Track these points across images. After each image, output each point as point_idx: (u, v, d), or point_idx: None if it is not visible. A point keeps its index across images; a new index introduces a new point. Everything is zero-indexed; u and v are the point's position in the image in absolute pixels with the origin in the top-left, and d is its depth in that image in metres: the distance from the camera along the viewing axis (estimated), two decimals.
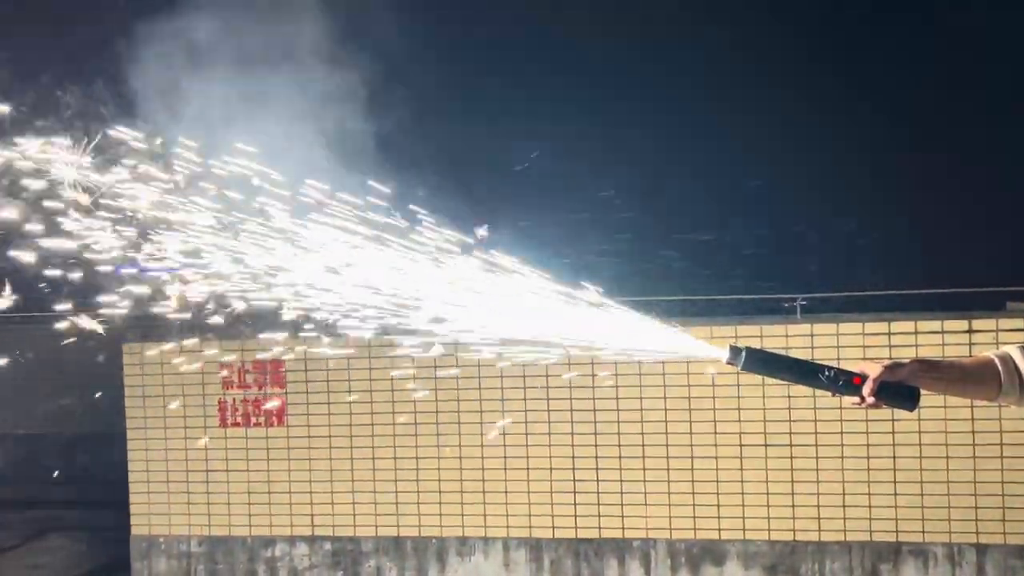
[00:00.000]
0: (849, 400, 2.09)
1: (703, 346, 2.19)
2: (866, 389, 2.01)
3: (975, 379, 2.06)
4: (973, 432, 4.58)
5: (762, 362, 2.17)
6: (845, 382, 2.06)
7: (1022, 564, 4.55)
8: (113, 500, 6.66)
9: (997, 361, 2.03)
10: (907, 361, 2.03)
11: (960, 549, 4.60)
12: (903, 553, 4.65)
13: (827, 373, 2.08)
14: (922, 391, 2.06)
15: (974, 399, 4.06)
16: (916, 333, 4.62)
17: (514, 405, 5.01)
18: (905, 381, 2.02)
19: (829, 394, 2.15)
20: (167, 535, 5.32)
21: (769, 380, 4.67)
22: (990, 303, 4.96)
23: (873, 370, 2.01)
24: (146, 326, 5.26)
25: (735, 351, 2.12)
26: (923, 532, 4.63)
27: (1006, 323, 4.59)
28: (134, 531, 5.37)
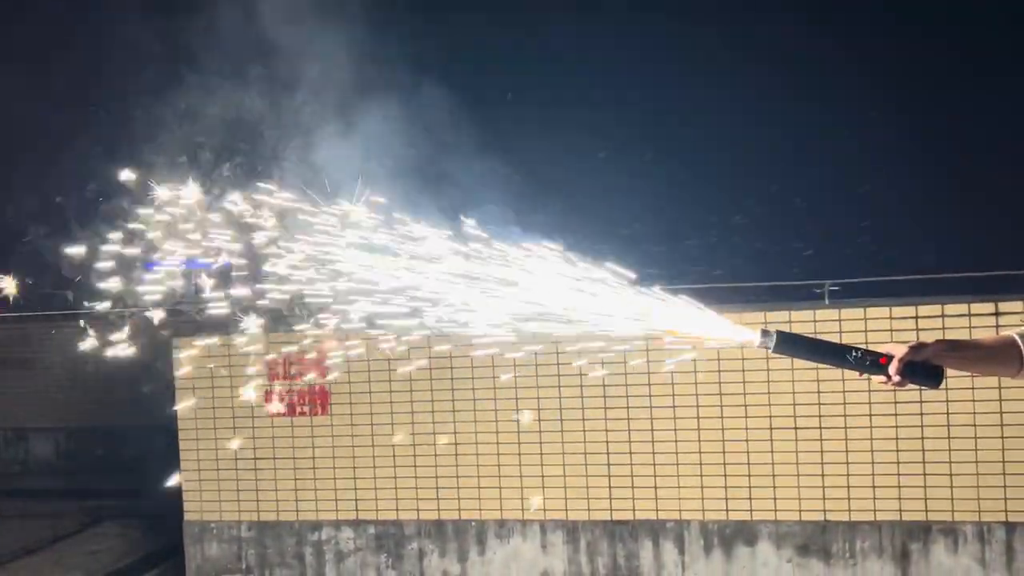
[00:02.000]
0: (877, 379, 2.22)
1: (737, 329, 2.32)
2: (892, 368, 2.13)
3: (997, 358, 2.17)
4: (1001, 412, 4.65)
5: (792, 344, 2.30)
6: (872, 362, 2.19)
7: None
8: (163, 489, 6.92)
9: (1019, 340, 2.14)
10: (931, 342, 2.15)
11: (989, 527, 4.69)
12: (933, 532, 4.76)
13: (855, 354, 2.20)
14: (946, 369, 2.18)
15: (995, 376, 4.16)
16: (943, 316, 4.70)
17: (549, 392, 5.16)
18: (929, 360, 2.14)
19: (856, 374, 2.28)
20: (218, 521, 5.55)
21: (798, 364, 4.80)
22: (1017, 286, 5.02)
23: (898, 351, 2.13)
24: (196, 321, 5.49)
25: (766, 334, 2.26)
26: (952, 511, 4.72)
27: None
28: (187, 517, 5.61)
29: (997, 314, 4.63)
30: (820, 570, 4.87)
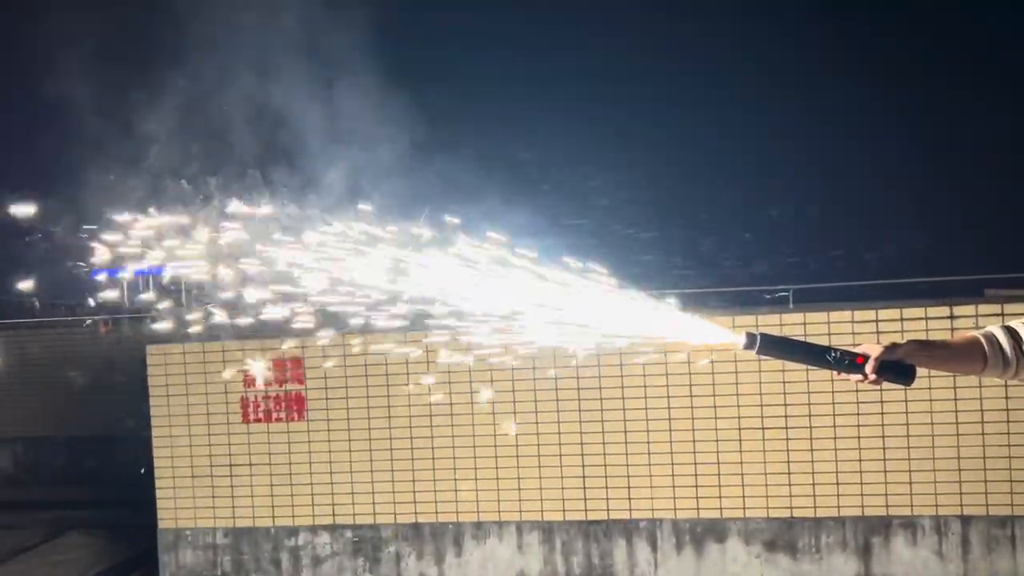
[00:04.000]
0: (853, 378, 2.36)
1: (723, 332, 2.45)
2: (869, 367, 2.28)
3: (963, 356, 2.33)
4: (956, 411, 4.88)
5: (775, 346, 2.43)
6: (849, 362, 2.32)
7: (1004, 534, 4.87)
8: (127, 498, 6.86)
9: (982, 339, 2.30)
10: (903, 342, 2.30)
11: (946, 521, 4.92)
12: (893, 526, 4.97)
13: (833, 354, 2.34)
14: (917, 368, 2.34)
15: (962, 374, 4.37)
16: (902, 320, 4.92)
17: (525, 396, 5.26)
18: (902, 359, 2.29)
19: (834, 373, 2.42)
20: (193, 528, 5.53)
21: (765, 366, 4.99)
22: (970, 290, 5.27)
23: (874, 350, 2.28)
24: (169, 327, 5.47)
25: (751, 337, 2.38)
26: (911, 506, 4.94)
27: (985, 309, 4.91)
28: (161, 525, 5.57)
29: (952, 317, 4.86)
30: (787, 565, 5.04)
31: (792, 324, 5.02)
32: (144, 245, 3.52)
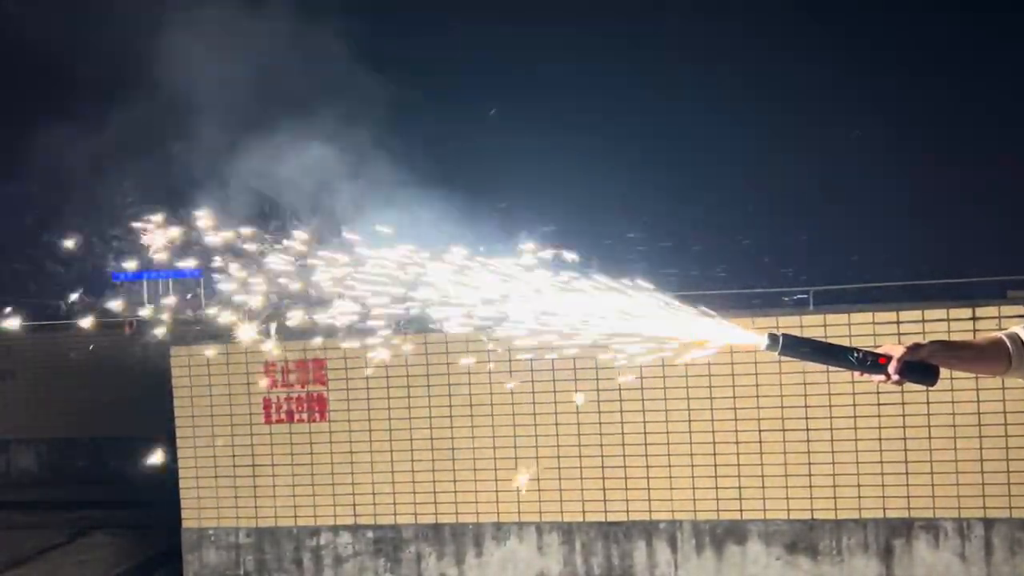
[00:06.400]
0: (876, 378, 2.36)
1: (745, 333, 2.46)
2: (892, 368, 2.28)
3: (987, 357, 2.33)
4: (979, 413, 4.86)
5: (797, 347, 2.44)
6: (872, 362, 2.33)
7: None
8: (152, 499, 6.93)
9: (1006, 340, 2.30)
10: (926, 343, 2.31)
11: (969, 523, 4.88)
12: (915, 528, 4.94)
13: (856, 355, 2.35)
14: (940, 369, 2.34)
15: (986, 375, 4.35)
16: (923, 321, 4.90)
17: (544, 397, 5.29)
18: (925, 360, 2.29)
19: (856, 374, 2.42)
20: (216, 527, 5.60)
21: (785, 367, 4.98)
22: (992, 292, 5.24)
23: (897, 351, 2.28)
24: (193, 329, 5.55)
25: (773, 337, 2.39)
26: (933, 508, 4.91)
27: (1008, 310, 4.88)
28: (185, 524, 5.64)
29: (974, 319, 4.84)
30: (808, 567, 5.03)
31: (812, 326, 5.01)
32: (171, 249, 3.58)
